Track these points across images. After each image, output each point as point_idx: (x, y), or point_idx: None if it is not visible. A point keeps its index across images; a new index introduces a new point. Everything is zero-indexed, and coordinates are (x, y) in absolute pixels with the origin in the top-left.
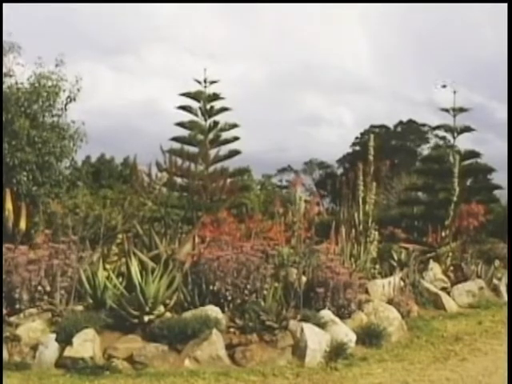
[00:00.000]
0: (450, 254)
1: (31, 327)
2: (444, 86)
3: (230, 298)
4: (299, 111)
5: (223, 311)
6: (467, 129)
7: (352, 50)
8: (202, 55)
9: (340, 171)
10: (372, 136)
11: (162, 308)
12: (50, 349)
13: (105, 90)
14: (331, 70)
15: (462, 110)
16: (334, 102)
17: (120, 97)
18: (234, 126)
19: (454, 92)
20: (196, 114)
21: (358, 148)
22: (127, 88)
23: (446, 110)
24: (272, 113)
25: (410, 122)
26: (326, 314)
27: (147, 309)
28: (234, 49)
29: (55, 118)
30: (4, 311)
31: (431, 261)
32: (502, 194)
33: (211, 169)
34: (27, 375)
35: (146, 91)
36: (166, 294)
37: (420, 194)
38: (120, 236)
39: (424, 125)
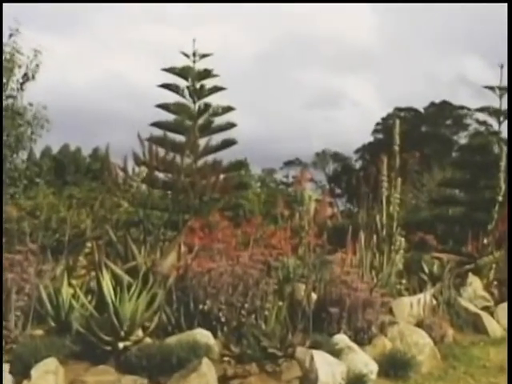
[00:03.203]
0: (494, 265)
1: None
2: (501, 66)
3: (223, 319)
4: (305, 92)
5: (216, 336)
6: None
7: (358, 23)
8: (174, 26)
9: (358, 164)
10: (397, 121)
11: (140, 332)
12: (3, 383)
13: (62, 66)
14: (333, 44)
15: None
16: (346, 79)
17: (81, 74)
18: (229, 109)
19: (502, 66)
20: (183, 95)
21: (380, 136)
22: (91, 63)
23: (491, 88)
24: (269, 94)
25: (444, 103)
26: (341, 339)
27: (122, 333)
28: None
29: (9, 101)
30: None
31: (470, 274)
32: None
33: (201, 162)
34: None
35: (113, 66)
36: (145, 316)
37: (457, 191)
38: (89, 244)
39: (462, 107)
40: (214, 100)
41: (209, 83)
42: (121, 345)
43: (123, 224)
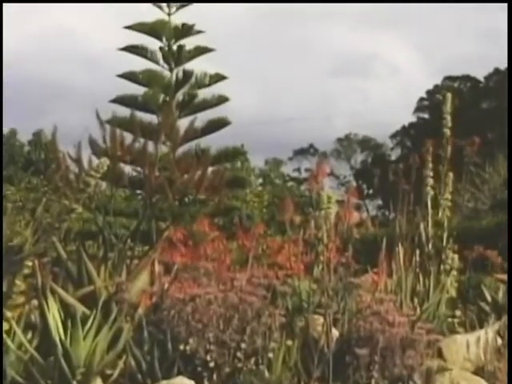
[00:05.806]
0: None
1: None
2: None
3: (212, 364)
4: (323, 55)
5: None
6: None
7: None
8: None
9: (396, 154)
10: (449, 95)
11: (99, 382)
12: None
13: None
14: None
15: None
16: (379, 38)
17: (19, 31)
18: (220, 77)
19: None
20: (155, 60)
21: (425, 115)
22: (32, 17)
23: None
24: (274, 58)
25: None
26: None
27: (75, 383)
28: None
29: None
30: None
31: None
32: None
33: (181, 150)
34: None
35: (63, 22)
36: (106, 359)
37: None
38: (29, 263)
39: None
40: (198, 66)
41: (190, 43)
42: None
43: (76, 235)
